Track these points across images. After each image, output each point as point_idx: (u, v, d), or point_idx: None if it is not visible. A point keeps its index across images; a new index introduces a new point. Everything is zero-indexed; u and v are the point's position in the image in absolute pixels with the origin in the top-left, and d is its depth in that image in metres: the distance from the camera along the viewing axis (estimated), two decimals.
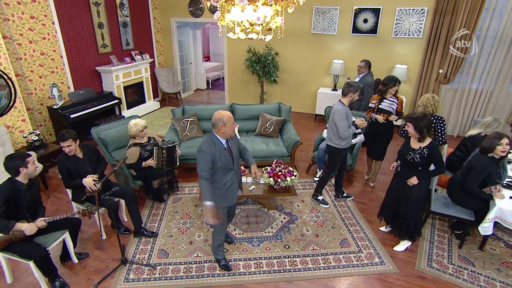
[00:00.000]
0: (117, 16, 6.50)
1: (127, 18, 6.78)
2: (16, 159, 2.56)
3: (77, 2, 5.55)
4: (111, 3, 6.32)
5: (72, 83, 5.68)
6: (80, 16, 5.66)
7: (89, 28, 5.86)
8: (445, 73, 5.90)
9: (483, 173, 2.97)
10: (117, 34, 6.56)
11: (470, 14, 5.49)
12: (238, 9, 2.36)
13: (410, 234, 3.17)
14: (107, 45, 6.32)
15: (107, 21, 6.23)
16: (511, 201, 2.98)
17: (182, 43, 8.50)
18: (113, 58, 6.24)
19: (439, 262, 3.12)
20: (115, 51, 6.54)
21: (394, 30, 6.12)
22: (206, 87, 10.18)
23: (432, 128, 3.17)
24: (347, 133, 3.48)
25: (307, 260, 3.13)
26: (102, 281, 2.84)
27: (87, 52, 5.91)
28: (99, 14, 6.01)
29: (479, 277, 2.97)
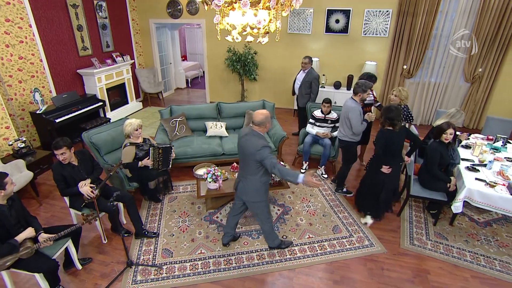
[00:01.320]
0: (96, 18, 6.07)
1: (106, 20, 6.36)
2: None
3: (54, 4, 5.11)
4: (89, 5, 5.88)
5: (54, 87, 5.24)
6: (58, 19, 5.22)
7: (68, 31, 5.42)
8: (409, 69, 6.18)
9: (435, 156, 3.27)
10: (97, 36, 6.14)
11: (428, 16, 5.76)
12: (236, 13, 2.28)
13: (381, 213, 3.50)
14: (87, 48, 5.89)
15: (86, 23, 5.80)
16: (477, 182, 3.22)
17: (161, 43, 8.15)
18: (95, 60, 5.84)
19: (419, 239, 3.31)
20: (96, 54, 6.12)
21: (363, 30, 6.27)
22: (186, 86, 9.90)
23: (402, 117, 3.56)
24: (361, 128, 3.61)
25: (305, 248, 3.18)
26: (110, 285, 2.71)
27: (67, 55, 5.48)
28: (78, 16, 5.57)
29: (452, 249, 3.19)
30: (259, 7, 2.11)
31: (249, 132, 2.61)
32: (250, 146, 2.51)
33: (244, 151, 2.59)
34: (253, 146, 2.49)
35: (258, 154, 2.45)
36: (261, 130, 2.59)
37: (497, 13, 5.43)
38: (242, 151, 2.64)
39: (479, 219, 3.67)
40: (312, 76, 5.16)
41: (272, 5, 2.06)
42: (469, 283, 2.82)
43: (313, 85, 5.15)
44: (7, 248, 2.19)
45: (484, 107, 6.09)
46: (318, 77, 5.21)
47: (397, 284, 2.78)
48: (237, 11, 2.20)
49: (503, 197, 3.03)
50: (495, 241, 3.34)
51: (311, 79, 5.14)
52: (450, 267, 2.98)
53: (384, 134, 3.20)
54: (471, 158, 3.68)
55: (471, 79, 5.94)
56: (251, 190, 2.71)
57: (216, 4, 2.04)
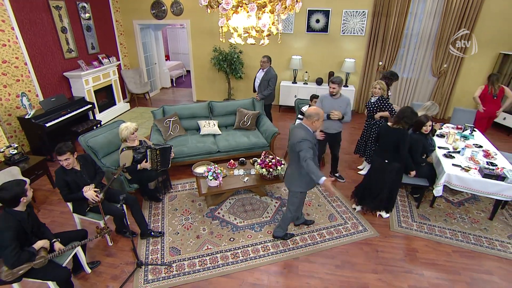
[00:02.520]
0: (80, 19, 5.68)
1: (90, 21, 5.97)
2: (14, 188, 2.09)
3: (36, 6, 4.72)
4: (72, 6, 5.49)
5: (40, 91, 4.88)
6: (42, 21, 4.83)
7: (52, 33, 5.04)
8: (384, 65, 6.37)
9: (419, 146, 3.36)
10: (81, 38, 5.76)
11: (399, 17, 5.95)
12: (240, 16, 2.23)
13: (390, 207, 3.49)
14: (72, 50, 5.51)
15: (70, 25, 5.41)
16: (454, 168, 3.42)
17: (145, 44, 7.81)
18: (81, 62, 5.49)
19: (406, 222, 3.47)
20: (82, 56, 5.75)
21: (342, 29, 6.37)
22: (171, 85, 9.60)
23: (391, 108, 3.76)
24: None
25: (305, 237, 3.24)
26: (123, 286, 2.62)
27: (52, 58, 5.10)
28: (61, 18, 5.18)
29: (434, 228, 3.39)
30: (263, 10, 2.07)
31: (299, 124, 2.70)
32: (294, 136, 2.58)
33: (291, 140, 2.68)
34: (296, 137, 2.55)
35: (298, 145, 2.52)
36: (308, 124, 2.60)
37: (457, 15, 5.72)
38: (290, 140, 2.71)
39: (454, 200, 3.91)
40: (271, 75, 5.11)
41: (278, 9, 2.03)
42: (451, 257, 3.02)
43: (270, 83, 5.12)
44: (27, 255, 2.06)
45: (449, 98, 6.43)
46: (276, 76, 5.17)
47: (391, 264, 2.92)
48: (240, 14, 2.14)
49: (476, 180, 3.25)
50: (468, 218, 3.58)
51: (269, 78, 5.09)
52: (434, 244, 3.17)
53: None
54: (446, 146, 3.89)
55: (438, 74, 6.24)
56: (292, 179, 2.79)
57: (224, 8, 1.97)
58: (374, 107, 3.95)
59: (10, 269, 2.01)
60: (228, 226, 3.39)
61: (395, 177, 3.22)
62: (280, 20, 2.39)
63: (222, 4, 1.94)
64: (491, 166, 3.37)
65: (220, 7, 1.99)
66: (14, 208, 2.13)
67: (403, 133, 3.03)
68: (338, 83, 3.71)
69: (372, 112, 3.98)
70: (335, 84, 3.70)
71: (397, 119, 3.07)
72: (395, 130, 3.08)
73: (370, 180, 3.40)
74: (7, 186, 2.08)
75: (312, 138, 2.60)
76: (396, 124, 3.07)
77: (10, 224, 2.04)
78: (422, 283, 2.72)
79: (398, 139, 3.04)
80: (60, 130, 4.78)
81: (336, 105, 3.76)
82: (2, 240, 1.97)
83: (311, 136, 2.59)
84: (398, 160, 3.12)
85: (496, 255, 3.06)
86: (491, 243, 3.21)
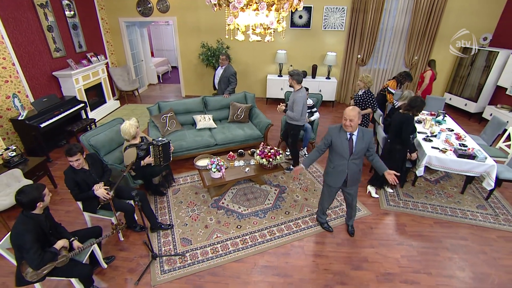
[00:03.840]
0: (66, 18, 5.27)
1: (76, 19, 5.56)
2: (32, 192, 1.97)
3: (21, 4, 4.31)
4: (57, 4, 5.07)
5: (30, 91, 4.52)
6: (27, 20, 4.43)
7: (38, 32, 4.64)
8: (362, 58, 6.53)
9: (411, 125, 3.30)
10: (68, 37, 5.36)
11: (375, 13, 6.09)
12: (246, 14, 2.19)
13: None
14: (60, 49, 5.12)
15: (56, 23, 5.01)
16: (433, 150, 3.63)
17: (132, 41, 7.43)
18: (71, 61, 5.13)
19: (393, 200, 3.67)
20: (69, 55, 5.37)
21: (323, 24, 6.41)
22: (158, 82, 9.27)
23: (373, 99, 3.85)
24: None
25: (307, 220, 3.34)
26: (141, 277, 2.58)
27: (40, 57, 4.72)
28: (47, 16, 4.78)
29: (418, 204, 3.61)
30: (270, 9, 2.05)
31: None
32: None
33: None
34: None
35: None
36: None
37: (426, 11, 5.95)
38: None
39: (431, 178, 4.17)
40: (230, 72, 5.09)
41: (286, 8, 2.01)
42: (433, 228, 3.25)
43: (231, 80, 5.12)
44: (50, 256, 1.97)
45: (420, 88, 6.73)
46: (235, 73, 5.15)
47: (385, 238, 3.09)
48: (247, 12, 2.10)
49: (453, 160, 3.48)
50: (444, 193, 3.84)
51: (229, 74, 5.08)
52: (419, 218, 3.39)
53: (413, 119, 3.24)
54: (424, 131, 4.12)
55: (410, 65, 6.50)
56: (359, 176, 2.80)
57: (235, 6, 1.92)
58: (361, 99, 4.07)
59: (35, 270, 1.92)
60: (233, 215, 3.41)
61: (398, 157, 3.38)
62: (284, 18, 2.37)
63: (234, 2, 1.89)
64: (463, 147, 3.62)
65: (231, 5, 1.94)
66: (32, 212, 2.02)
67: (408, 117, 3.19)
68: (291, 75, 3.66)
69: (359, 104, 4.10)
70: (289, 76, 3.71)
71: (409, 108, 3.22)
72: (401, 114, 3.24)
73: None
74: (26, 190, 1.97)
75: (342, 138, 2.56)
76: (408, 112, 3.23)
77: (30, 227, 1.94)
78: (412, 252, 2.92)
79: (402, 123, 3.19)
80: (54, 130, 4.50)
81: (291, 98, 3.78)
82: (23, 243, 1.87)
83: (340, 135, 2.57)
84: (399, 142, 3.29)
85: (469, 223, 3.34)
86: (464, 213, 3.49)
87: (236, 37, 2.45)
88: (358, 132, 2.55)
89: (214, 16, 6.54)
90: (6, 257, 2.10)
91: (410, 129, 3.23)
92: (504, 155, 4.08)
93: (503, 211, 3.55)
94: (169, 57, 10.94)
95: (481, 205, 3.63)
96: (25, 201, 1.94)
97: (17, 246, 1.91)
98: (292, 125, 3.90)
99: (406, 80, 4.59)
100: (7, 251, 2.08)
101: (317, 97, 5.05)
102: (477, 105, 6.04)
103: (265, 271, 2.70)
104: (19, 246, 1.90)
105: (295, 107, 3.70)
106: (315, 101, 4.89)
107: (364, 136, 2.56)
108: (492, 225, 3.31)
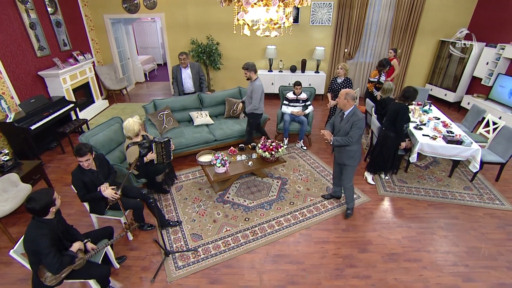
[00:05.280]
0: (48, 14, 4.97)
1: (59, 16, 5.26)
2: (44, 198, 1.89)
3: (1, 0, 4.02)
4: (39, 0, 4.76)
5: (15, 93, 4.25)
6: (8, 16, 4.14)
7: (20, 30, 4.35)
8: (349, 52, 6.69)
9: (406, 115, 3.42)
10: (52, 35, 5.06)
11: (361, 8, 6.24)
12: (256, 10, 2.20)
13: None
14: (44, 48, 4.84)
15: (39, 21, 4.71)
16: (424, 137, 3.82)
17: (117, 39, 7.14)
18: (57, 60, 4.86)
19: (389, 186, 3.85)
20: (54, 53, 5.08)
21: (311, 19, 6.49)
22: (145, 80, 9.00)
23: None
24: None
25: (311, 209, 3.43)
26: (156, 275, 2.56)
27: (24, 56, 4.44)
28: (29, 13, 4.48)
29: (412, 189, 3.81)
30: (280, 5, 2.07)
31: None
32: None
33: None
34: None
35: None
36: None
37: (407, 7, 6.19)
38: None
39: (421, 165, 4.40)
40: (199, 68, 4.93)
41: (296, 2, 2.03)
42: (428, 210, 3.45)
43: (202, 79, 4.95)
44: (68, 259, 1.91)
45: (403, 79, 7.03)
46: (200, 65, 5.04)
47: (385, 222, 3.25)
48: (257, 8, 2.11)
49: (443, 146, 3.69)
50: (434, 178, 4.07)
51: (198, 70, 4.90)
52: (414, 202, 3.58)
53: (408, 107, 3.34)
54: (414, 120, 4.32)
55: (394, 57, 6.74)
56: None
57: (248, 1, 1.93)
58: (341, 87, 4.32)
59: (54, 275, 1.86)
60: (240, 208, 3.44)
61: (391, 144, 3.53)
62: (290, 13, 2.40)
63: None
64: (451, 134, 3.85)
65: (243, 1, 1.94)
66: (44, 217, 1.94)
67: (403, 107, 3.32)
68: (246, 68, 3.86)
69: (338, 91, 4.30)
70: (245, 70, 3.88)
71: (403, 98, 3.35)
72: (397, 103, 3.37)
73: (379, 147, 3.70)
74: (36, 197, 1.88)
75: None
76: (403, 102, 3.36)
77: (44, 231, 1.87)
78: (411, 233, 3.10)
79: (397, 112, 3.33)
80: (44, 133, 4.28)
81: (249, 88, 4.02)
82: (40, 249, 1.80)
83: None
84: (393, 130, 3.42)
85: (458, 203, 3.57)
86: (453, 195, 3.73)
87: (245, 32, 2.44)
88: (349, 112, 2.87)
89: (203, 12, 6.43)
90: (21, 263, 2.01)
91: (405, 119, 3.37)
92: (485, 140, 4.38)
93: (486, 190, 3.82)
94: (154, 55, 10.64)
95: (467, 187, 3.89)
96: (38, 208, 1.86)
97: (33, 252, 1.84)
98: (252, 114, 4.08)
99: (383, 67, 4.76)
100: (22, 257, 1.99)
101: (310, 90, 5.13)
102: (455, 94, 6.40)
103: (278, 259, 2.76)
104: (35, 252, 1.83)
105: (254, 95, 3.91)
106: (309, 95, 4.97)
107: (352, 118, 2.83)
108: (478, 204, 3.57)
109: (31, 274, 1.99)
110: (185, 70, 4.86)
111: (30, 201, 1.87)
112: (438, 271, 2.66)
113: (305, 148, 4.78)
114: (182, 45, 6.81)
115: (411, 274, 2.63)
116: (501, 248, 2.94)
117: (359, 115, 2.82)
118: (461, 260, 2.80)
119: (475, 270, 2.69)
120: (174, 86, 4.97)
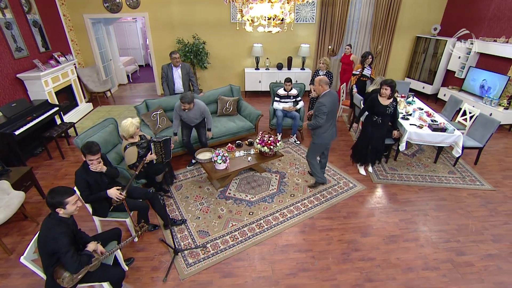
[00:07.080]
0: (25, 14, 4.68)
1: (36, 16, 4.97)
2: (57, 196, 1.83)
3: None
4: None
5: None
6: None
7: None
8: (333, 48, 6.91)
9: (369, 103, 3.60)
10: (29, 35, 4.77)
11: (343, 6, 6.47)
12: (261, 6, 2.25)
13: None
14: (22, 49, 4.55)
15: (15, 20, 4.43)
16: (412, 127, 4.06)
17: (99, 40, 6.86)
18: (37, 62, 4.60)
19: (382, 174, 4.05)
20: (33, 55, 4.80)
21: (295, 17, 6.62)
22: (128, 81, 8.73)
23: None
24: None
25: (312, 199, 3.54)
26: (168, 273, 2.54)
27: (0, 58, 4.17)
28: (4, 12, 4.19)
29: (403, 176, 4.03)
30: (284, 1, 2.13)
31: None
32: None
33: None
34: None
35: None
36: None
37: (386, 5, 6.50)
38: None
39: (408, 153, 4.66)
40: (187, 68, 4.83)
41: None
42: (419, 194, 3.68)
43: (190, 75, 4.88)
44: (86, 258, 1.86)
45: (385, 73, 7.37)
46: (190, 66, 4.98)
47: (382, 207, 3.42)
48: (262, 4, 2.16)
49: (429, 134, 3.94)
50: (421, 164, 4.34)
51: (188, 71, 4.82)
52: (406, 187, 3.80)
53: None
54: (400, 111, 4.56)
55: (375, 53, 7.06)
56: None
57: None
58: None
59: (72, 274, 1.80)
60: (243, 203, 3.47)
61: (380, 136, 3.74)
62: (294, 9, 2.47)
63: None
64: (435, 123, 4.12)
65: None
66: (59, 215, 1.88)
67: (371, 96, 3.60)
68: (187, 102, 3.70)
69: None
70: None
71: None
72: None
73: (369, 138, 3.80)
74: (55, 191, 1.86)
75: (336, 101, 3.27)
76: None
77: (62, 229, 1.82)
78: (407, 216, 3.29)
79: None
80: (29, 138, 4.06)
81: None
82: (60, 247, 1.75)
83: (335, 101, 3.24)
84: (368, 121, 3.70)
85: (444, 186, 3.84)
86: (440, 179, 4.00)
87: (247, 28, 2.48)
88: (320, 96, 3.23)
89: (188, 11, 6.36)
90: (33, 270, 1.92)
91: (367, 106, 3.67)
92: (463, 127, 4.72)
93: (468, 173, 4.14)
94: (134, 56, 10.34)
95: (451, 171, 4.18)
96: (49, 202, 1.83)
97: (50, 251, 1.78)
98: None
99: (364, 59, 4.96)
100: (33, 263, 1.90)
101: (299, 86, 5.25)
102: (432, 87, 6.82)
103: (287, 249, 2.83)
104: (53, 251, 1.77)
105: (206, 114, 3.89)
106: (299, 91, 5.09)
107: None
108: (462, 186, 3.85)
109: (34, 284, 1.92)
110: (176, 70, 4.77)
111: (50, 192, 1.86)
112: (434, 248, 2.87)
113: (299, 143, 4.90)
114: (167, 44, 6.69)
115: (411, 252, 2.81)
116: (485, 223, 3.21)
117: (322, 100, 3.12)
118: (453, 236, 3.02)
119: (466, 244, 2.93)
120: (164, 86, 4.85)
